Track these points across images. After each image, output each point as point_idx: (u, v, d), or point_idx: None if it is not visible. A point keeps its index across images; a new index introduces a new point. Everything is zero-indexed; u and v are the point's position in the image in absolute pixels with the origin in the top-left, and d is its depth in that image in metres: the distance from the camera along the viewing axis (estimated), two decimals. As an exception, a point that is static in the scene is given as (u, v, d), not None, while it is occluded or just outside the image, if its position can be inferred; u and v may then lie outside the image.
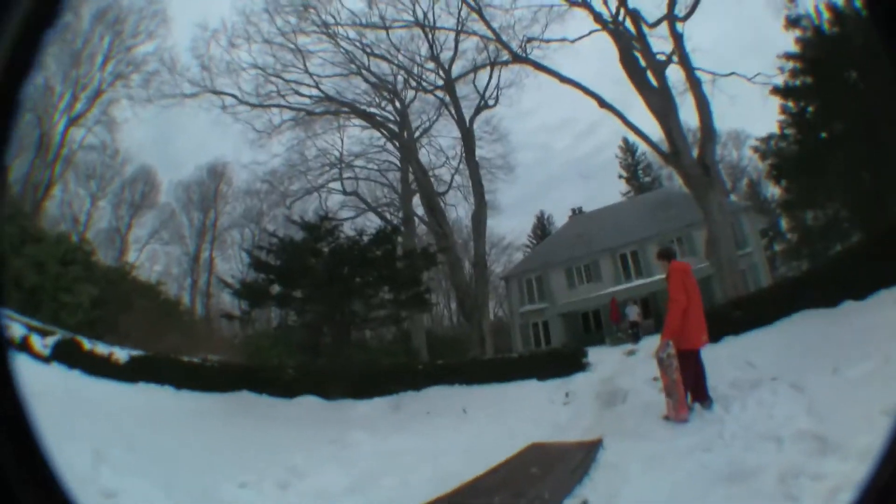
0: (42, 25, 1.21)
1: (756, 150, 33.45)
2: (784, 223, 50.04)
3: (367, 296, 28.86)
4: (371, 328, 33.93)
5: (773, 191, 52.22)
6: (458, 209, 48.02)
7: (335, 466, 8.22)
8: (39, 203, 52.48)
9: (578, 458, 8.05)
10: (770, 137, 29.36)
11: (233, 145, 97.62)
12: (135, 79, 55.53)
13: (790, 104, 26.95)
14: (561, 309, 47.87)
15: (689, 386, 9.61)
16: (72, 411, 10.73)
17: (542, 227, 76.13)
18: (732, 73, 32.32)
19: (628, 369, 16.78)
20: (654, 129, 32.99)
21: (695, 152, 28.20)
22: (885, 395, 6.41)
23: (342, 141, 46.44)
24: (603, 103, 31.20)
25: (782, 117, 27.75)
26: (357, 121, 44.28)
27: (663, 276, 10.56)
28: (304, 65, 41.70)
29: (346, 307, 27.90)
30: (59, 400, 11.97)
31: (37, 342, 22.82)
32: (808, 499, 4.41)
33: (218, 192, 65.03)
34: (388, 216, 43.07)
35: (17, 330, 23.39)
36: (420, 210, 42.80)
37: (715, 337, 11.14)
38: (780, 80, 27.54)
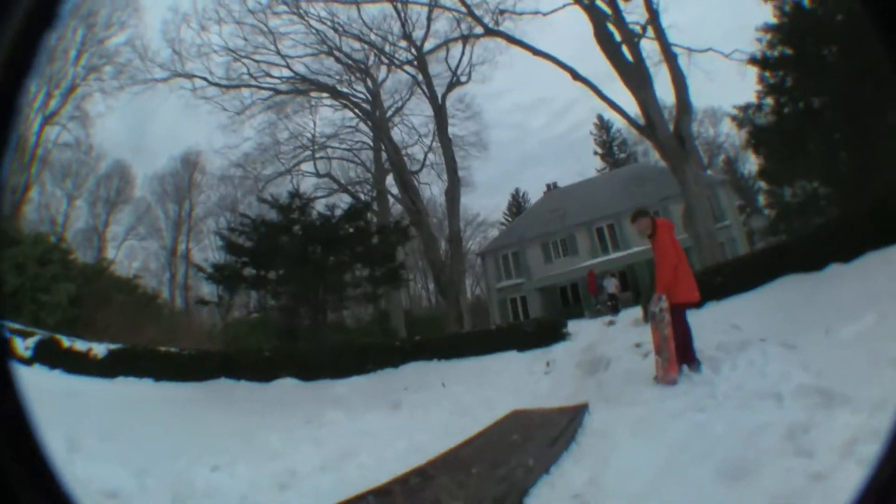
0: (42, 25, 1.19)
1: (734, 118, 33.57)
2: (762, 199, 50.49)
3: (341, 273, 29.02)
4: (347, 307, 34.11)
5: (750, 167, 52.80)
6: (432, 188, 48.69)
7: (310, 445, 8.11)
8: (18, 206, 52.62)
9: (563, 424, 7.74)
10: (748, 107, 29.40)
11: (205, 134, 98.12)
12: (107, 71, 56.21)
13: (767, 74, 26.91)
14: (538, 283, 48.93)
15: (679, 344, 9.43)
16: (48, 406, 10.44)
17: (517, 205, 76.96)
18: (709, 49, 32.60)
19: (609, 338, 16.63)
20: (629, 105, 32.81)
21: (671, 126, 28.05)
22: (886, 349, 6.24)
23: (314, 123, 47.55)
24: (576, 76, 31.27)
25: (759, 87, 27.80)
26: (329, 102, 44.98)
27: (646, 234, 10.34)
28: (276, 46, 41.67)
29: (320, 287, 27.97)
30: (36, 398, 11.78)
31: (19, 345, 22.90)
32: (823, 453, 4.11)
33: (192, 182, 66.10)
34: (361, 196, 43.48)
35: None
36: (394, 190, 43.01)
37: (697, 304, 10.90)
38: (757, 54, 27.54)
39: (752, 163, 46.83)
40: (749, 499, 3.72)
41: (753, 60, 27.23)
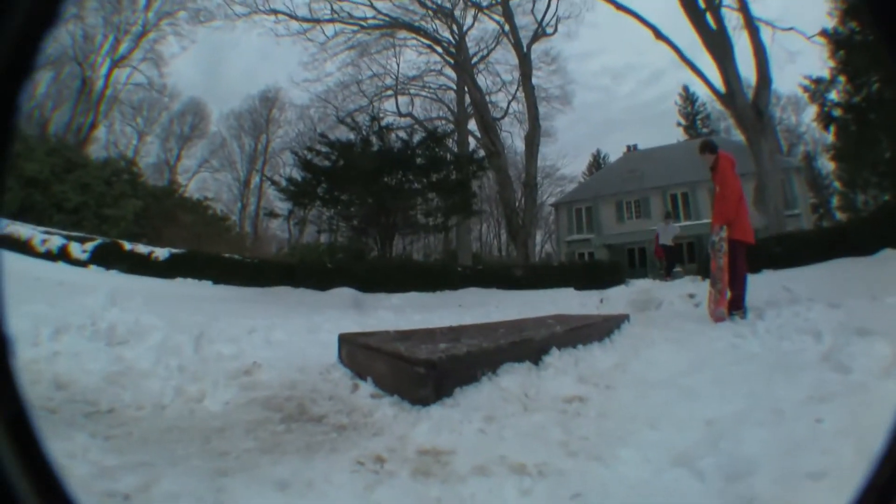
0: (42, 25, 1.19)
1: (805, 89, 32.83)
2: (835, 200, 49.61)
3: (413, 199, 29.02)
4: (416, 232, 33.88)
5: (828, 168, 51.72)
6: (514, 137, 48.05)
7: (352, 324, 8.32)
8: (84, 140, 53.15)
9: (599, 321, 8.11)
10: (819, 81, 28.81)
11: (284, 72, 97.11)
12: (181, 16, 56.02)
13: (841, 52, 26.32)
14: (607, 240, 48.36)
15: (732, 280, 9.60)
16: (92, 287, 11.01)
17: (597, 165, 75.99)
18: (792, 29, 31.84)
19: (665, 286, 16.93)
20: (712, 79, 32.37)
21: (750, 97, 27.72)
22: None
23: (398, 65, 46.59)
24: (659, 35, 30.91)
25: (832, 63, 27.25)
26: (413, 44, 44.57)
27: (709, 165, 10.44)
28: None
29: (392, 210, 27.98)
30: (81, 285, 12.27)
31: (75, 249, 23.34)
32: (860, 371, 4.12)
33: (270, 118, 65.64)
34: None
35: (54, 242, 23.95)
36: (475, 136, 42.84)
37: (754, 268, 11.05)
38: (829, 28, 26.95)
39: (830, 166, 46.05)
40: (781, 394, 3.75)
41: (824, 33, 26.73)
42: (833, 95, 27.52)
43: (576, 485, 2.63)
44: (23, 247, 23.04)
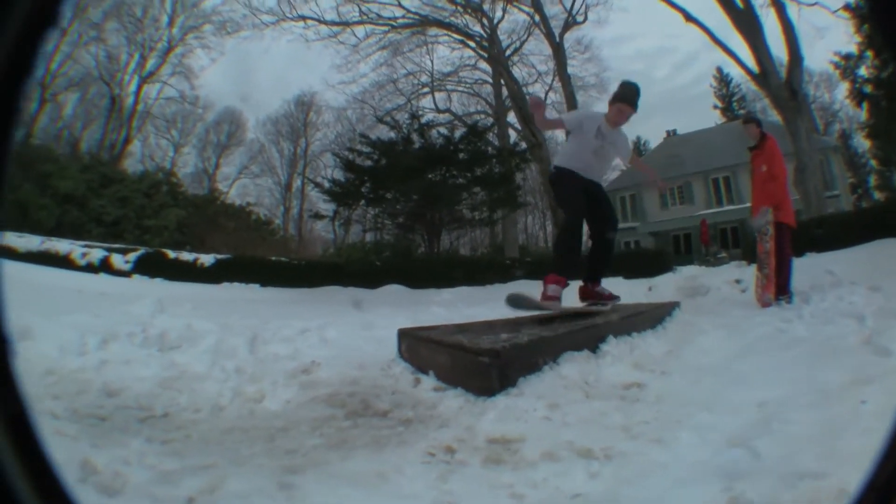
0: (42, 25, 1.15)
1: (836, 65, 32.44)
2: (873, 179, 49.09)
3: (458, 194, 28.91)
4: (462, 227, 34.08)
5: (864, 146, 51.18)
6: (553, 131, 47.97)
7: (405, 320, 8.34)
8: (119, 155, 53.60)
9: (650, 308, 8.41)
10: (848, 57, 28.47)
11: (318, 76, 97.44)
12: (206, 29, 56.38)
13: (865, 26, 25.94)
14: (652, 227, 47.79)
15: (779, 264, 9.53)
16: (138, 296, 11.11)
17: (638, 152, 75.45)
18: (816, 3, 31.44)
19: (712, 272, 17.11)
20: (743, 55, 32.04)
21: (783, 76, 27.49)
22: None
23: (432, 62, 46.66)
24: (689, 17, 30.63)
25: (858, 39, 26.93)
26: (445, 40, 44.34)
27: (753, 142, 10.34)
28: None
29: (437, 206, 28.01)
30: (126, 295, 12.34)
31: (117, 260, 23.54)
32: None
33: (307, 122, 65.87)
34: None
35: (95, 255, 24.19)
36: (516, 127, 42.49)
37: (797, 252, 10.97)
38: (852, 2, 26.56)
39: (865, 144, 45.64)
40: (826, 377, 3.80)
41: (848, 7, 26.39)
42: (863, 71, 27.19)
43: (639, 466, 2.73)
44: (62, 261, 23.24)
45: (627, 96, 7.90)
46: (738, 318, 8.23)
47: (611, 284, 18.52)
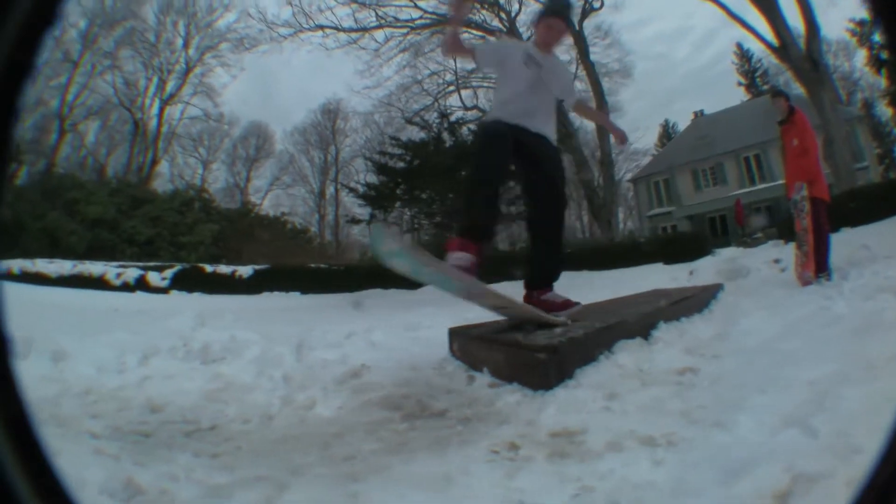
0: (42, 25, 1.16)
1: (852, 33, 32.23)
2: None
3: None
4: (502, 223, 33.55)
5: (886, 113, 50.87)
6: (581, 118, 47.92)
7: (448, 320, 8.33)
8: (147, 177, 54.15)
9: (697, 292, 8.43)
10: (863, 23, 28.31)
11: (341, 84, 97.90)
12: (224, 47, 56.88)
13: None
14: (687, 211, 47.69)
15: (817, 240, 9.49)
16: (177, 311, 11.19)
17: (667, 136, 75.27)
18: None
19: (751, 253, 17.49)
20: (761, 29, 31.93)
21: (802, 47, 27.41)
22: None
23: (454, 60, 46.79)
24: (701, -8, 30.66)
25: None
26: (466, 36, 44.28)
27: (781, 116, 10.27)
28: (402, -12, 41.31)
29: None
30: (164, 310, 12.39)
31: (154, 278, 23.74)
32: None
33: (335, 129, 66.22)
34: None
35: (130, 274, 24.39)
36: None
37: (831, 227, 10.93)
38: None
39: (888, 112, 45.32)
40: (871, 353, 3.73)
41: None
42: (878, 37, 27.04)
43: (702, 451, 2.73)
44: (96, 283, 23.48)
45: (555, 7, 6.41)
46: (781, 298, 8.28)
47: (652, 271, 18.67)
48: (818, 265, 9.45)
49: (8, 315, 1.23)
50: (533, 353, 4.17)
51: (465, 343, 5.43)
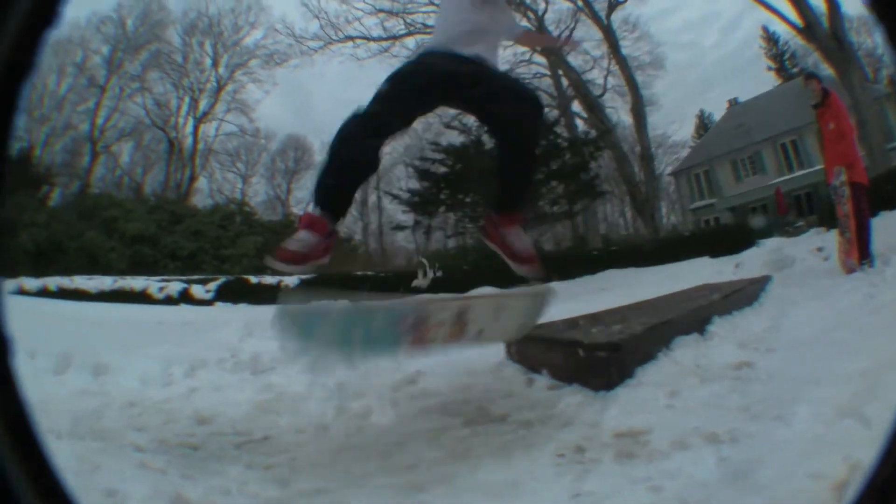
0: (42, 25, 1.16)
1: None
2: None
3: (537, 190, 29.30)
4: (544, 223, 34.21)
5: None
6: (619, 112, 47.83)
7: None
8: (186, 193, 54.60)
9: (746, 285, 8.48)
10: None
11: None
12: (254, 63, 57.21)
13: None
14: (729, 203, 47.04)
15: (859, 226, 9.43)
16: (223, 322, 11.24)
17: (703, 127, 74.65)
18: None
19: (795, 242, 17.70)
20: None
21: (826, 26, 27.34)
22: None
23: None
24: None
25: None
26: None
27: (815, 100, 10.18)
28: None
29: None
30: (209, 322, 12.43)
31: (198, 291, 23.94)
32: None
33: None
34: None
35: (173, 287, 24.58)
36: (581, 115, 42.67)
37: (870, 212, 10.87)
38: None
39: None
40: None
41: None
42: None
43: (765, 445, 2.76)
44: (139, 297, 23.67)
45: None
46: (827, 287, 8.30)
47: (698, 265, 18.68)
48: (861, 251, 9.40)
49: (8, 315, 1.25)
50: (594, 353, 4.12)
51: (523, 345, 5.31)
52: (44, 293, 25.55)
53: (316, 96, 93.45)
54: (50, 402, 4.53)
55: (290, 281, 25.21)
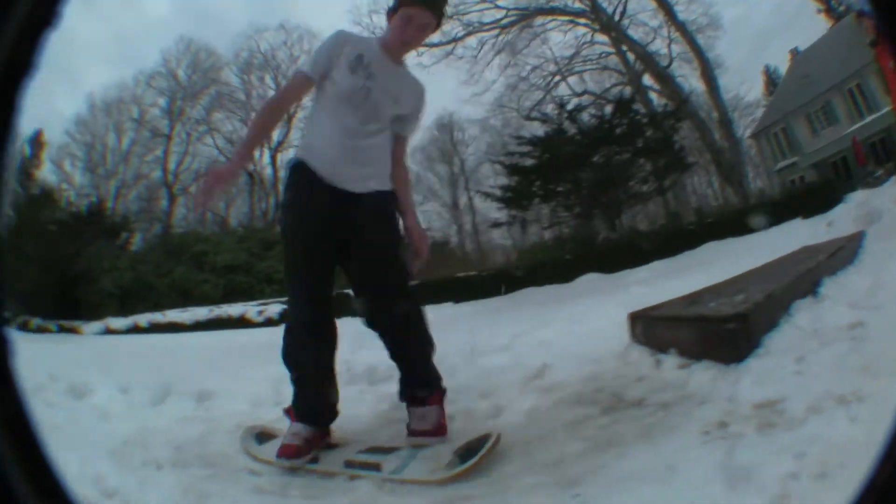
0: (42, 25, 1.14)
1: None
2: None
3: (625, 170, 29.89)
4: (638, 203, 34.12)
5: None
6: (689, 80, 47.29)
7: (613, 307, 8.25)
8: (274, 220, 55.13)
9: (844, 243, 8.54)
10: None
11: (448, 97, 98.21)
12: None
13: None
14: (811, 159, 45.36)
15: None
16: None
17: (772, 83, 73.04)
18: None
19: (878, 194, 17.33)
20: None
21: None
22: None
23: (551, 51, 46.81)
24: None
25: None
26: (553, 25, 45.30)
27: (869, 39, 10.02)
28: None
29: (609, 188, 28.91)
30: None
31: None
32: None
33: (454, 140, 66.35)
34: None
35: (272, 310, 25.09)
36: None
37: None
38: None
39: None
40: None
41: None
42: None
43: (889, 402, 2.52)
44: (238, 323, 24.02)
45: None
46: None
47: (792, 228, 18.63)
48: None
49: (7, 315, 1.26)
50: (722, 325, 4.09)
51: (648, 326, 5.32)
52: (135, 330, 26.28)
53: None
54: (146, 433, 4.69)
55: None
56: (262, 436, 4.46)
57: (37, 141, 51.13)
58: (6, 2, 1.09)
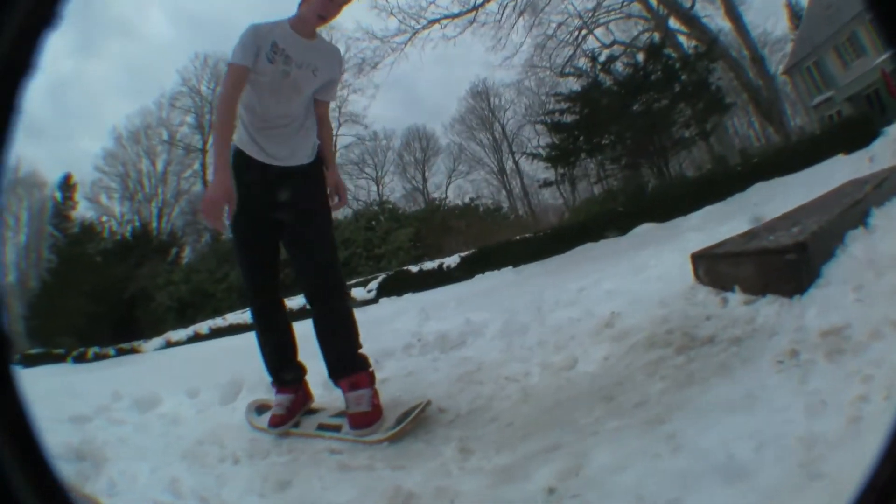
0: (42, 25, 1.11)
1: None
2: None
3: (667, 116, 29.49)
4: (682, 148, 34.07)
5: None
6: (716, 20, 46.57)
7: (671, 254, 8.21)
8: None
9: (892, 176, 8.15)
10: None
11: (479, 64, 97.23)
12: (345, 78, 57.61)
13: None
14: (845, 92, 44.52)
15: None
16: (396, 313, 11.50)
17: (796, 16, 71.50)
18: None
19: None
20: None
21: None
22: None
23: (573, 5, 46.39)
24: None
25: None
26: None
27: None
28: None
29: (653, 136, 28.88)
30: (379, 318, 12.60)
31: (358, 293, 24.46)
32: None
33: (491, 106, 65.99)
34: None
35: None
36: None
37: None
38: None
39: None
40: None
41: None
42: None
43: None
44: (300, 314, 24.19)
45: None
46: None
47: (835, 163, 18.57)
48: None
49: (7, 315, 1.23)
50: (783, 256, 4.11)
51: (711, 265, 5.40)
52: (196, 338, 27.37)
53: (421, 84, 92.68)
54: (220, 431, 4.81)
55: (451, 261, 26.00)
56: (261, 408, 5.01)
57: (66, 185, 54.80)
58: (6, 2, 1.09)
